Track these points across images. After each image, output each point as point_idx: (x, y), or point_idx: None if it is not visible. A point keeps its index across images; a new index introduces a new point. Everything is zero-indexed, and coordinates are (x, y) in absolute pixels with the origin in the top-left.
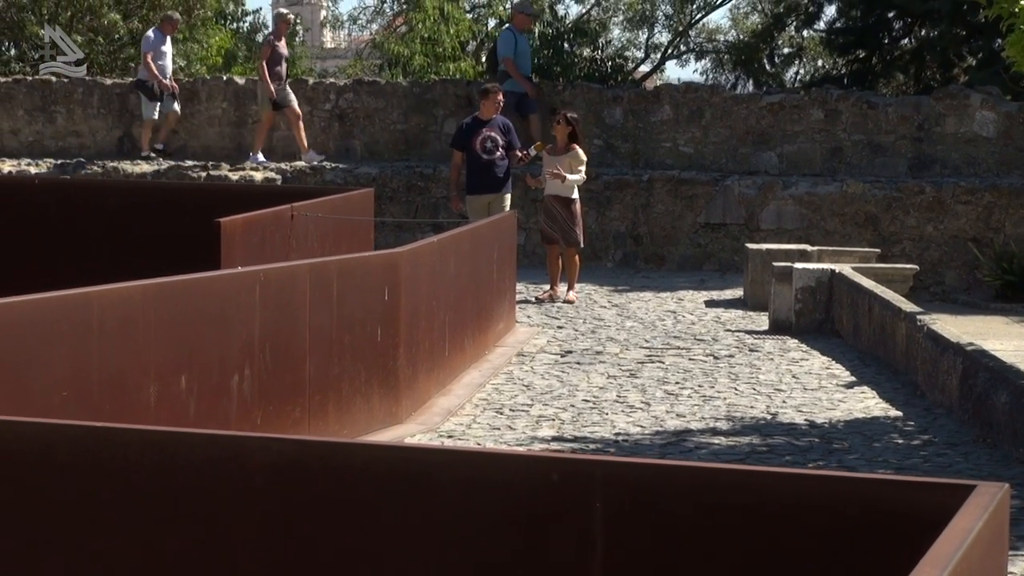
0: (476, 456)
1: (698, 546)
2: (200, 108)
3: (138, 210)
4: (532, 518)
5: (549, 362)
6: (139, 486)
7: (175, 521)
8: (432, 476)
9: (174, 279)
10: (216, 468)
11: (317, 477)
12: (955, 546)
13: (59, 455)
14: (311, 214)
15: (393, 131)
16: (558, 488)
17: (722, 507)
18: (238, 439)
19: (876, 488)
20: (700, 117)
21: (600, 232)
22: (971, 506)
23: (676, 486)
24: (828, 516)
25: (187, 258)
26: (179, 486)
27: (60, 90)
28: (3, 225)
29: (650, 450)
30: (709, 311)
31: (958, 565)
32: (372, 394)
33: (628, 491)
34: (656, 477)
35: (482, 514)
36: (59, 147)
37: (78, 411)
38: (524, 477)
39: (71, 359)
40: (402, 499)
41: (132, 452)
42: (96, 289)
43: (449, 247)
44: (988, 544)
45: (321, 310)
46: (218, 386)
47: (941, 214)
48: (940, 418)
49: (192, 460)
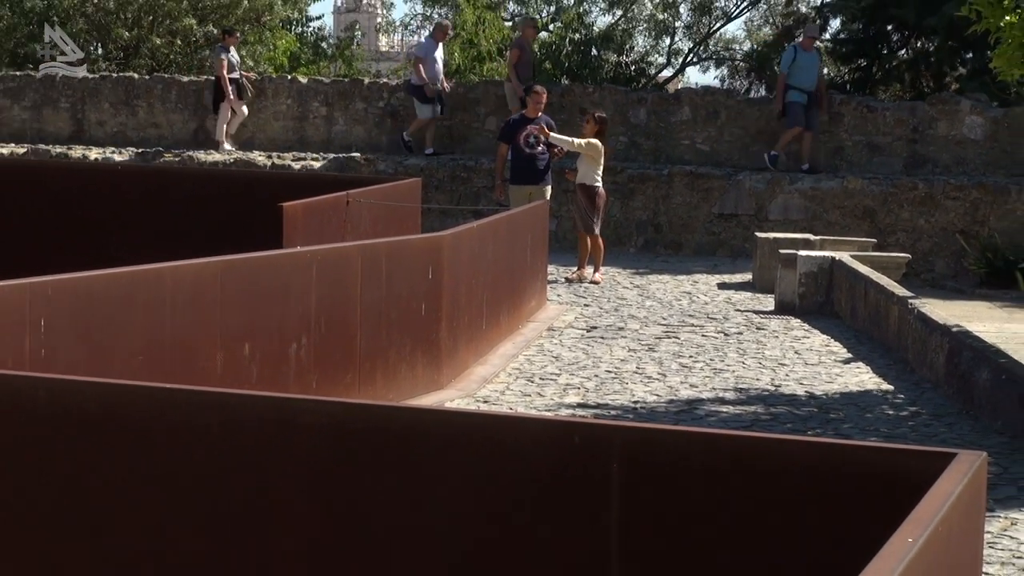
0: (507, 420)
1: (703, 505)
2: (267, 104)
3: (210, 195)
4: (555, 477)
5: (576, 336)
6: (205, 442)
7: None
8: (467, 437)
9: (239, 257)
10: (273, 427)
11: (365, 437)
12: (936, 508)
13: (135, 414)
14: (364, 200)
15: (439, 127)
16: (579, 450)
17: (726, 470)
18: (293, 401)
19: (866, 454)
20: (716, 118)
21: (624, 220)
22: (952, 472)
23: (686, 450)
24: (822, 479)
25: (253, 239)
26: (241, 443)
27: (142, 86)
28: (89, 207)
29: (665, 417)
30: (721, 293)
31: (939, 525)
32: (416, 363)
33: (642, 454)
34: (668, 441)
35: (511, 472)
36: (140, 137)
37: (152, 374)
38: (549, 439)
39: (146, 327)
40: (440, 457)
41: (198, 412)
42: (169, 265)
43: (487, 232)
44: (967, 506)
45: (371, 287)
46: (278, 353)
47: (932, 208)
48: (927, 392)
49: (252, 419)
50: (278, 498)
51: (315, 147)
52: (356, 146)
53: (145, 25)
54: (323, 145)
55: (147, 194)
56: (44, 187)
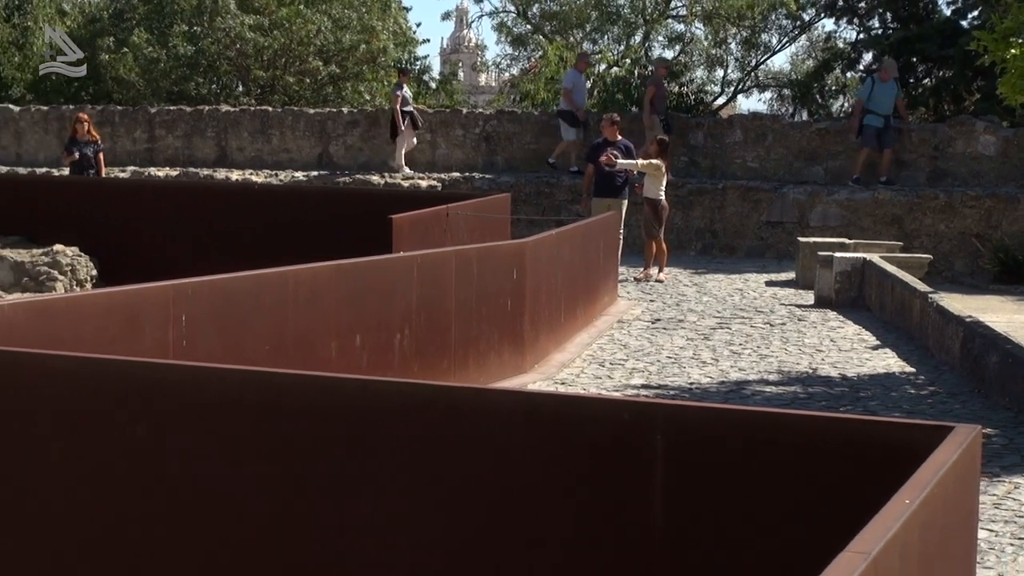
0: (568, 399)
1: (735, 470)
2: (379, 131)
3: (332, 208)
4: (608, 447)
5: (642, 327)
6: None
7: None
8: (537, 413)
9: (351, 260)
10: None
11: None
12: (932, 473)
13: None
14: (462, 213)
15: (527, 149)
16: (629, 424)
17: (754, 441)
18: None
19: (878, 428)
20: (764, 139)
21: (685, 228)
22: (949, 443)
23: (719, 424)
24: (839, 449)
25: (369, 246)
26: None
27: (275, 117)
28: (231, 220)
29: (716, 396)
30: (768, 289)
31: (934, 488)
32: (503, 351)
33: (684, 427)
34: (704, 417)
35: (574, 442)
36: (274, 161)
37: (276, 362)
38: (603, 415)
39: (272, 322)
40: (514, 430)
41: (316, 393)
42: (291, 268)
43: (565, 238)
44: (962, 472)
45: (464, 286)
46: (384, 343)
47: (951, 215)
48: (945, 374)
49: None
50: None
51: (421, 168)
52: (456, 166)
53: (279, 66)
54: (428, 166)
55: (279, 208)
56: (193, 203)
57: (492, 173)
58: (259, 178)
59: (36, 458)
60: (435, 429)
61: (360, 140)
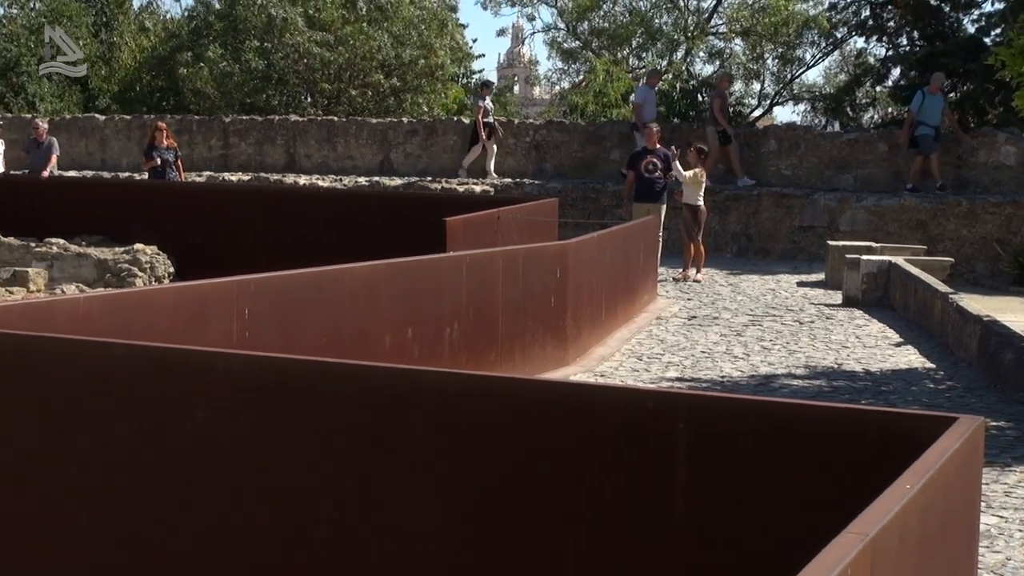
0: (597, 388)
1: (752, 456)
2: (437, 140)
3: (391, 211)
4: (633, 434)
5: (679, 324)
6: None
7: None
8: (571, 402)
9: (405, 259)
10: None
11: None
12: (933, 461)
13: (321, 385)
14: (512, 216)
15: (574, 157)
16: (652, 412)
17: (770, 430)
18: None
19: (887, 418)
20: (797, 149)
21: (722, 231)
22: (952, 432)
23: (738, 414)
24: (854, 438)
25: (425, 245)
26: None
27: (340, 127)
28: (298, 221)
29: (745, 388)
30: (799, 289)
31: (935, 474)
32: (547, 344)
33: (703, 416)
34: (724, 407)
35: (600, 428)
36: (339, 167)
37: (333, 352)
38: (629, 404)
39: (329, 315)
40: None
41: (371, 384)
42: (348, 266)
43: (606, 240)
44: (963, 460)
45: (511, 284)
46: (435, 336)
47: (973, 221)
48: (963, 370)
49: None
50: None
51: (475, 173)
52: (507, 172)
53: (343, 80)
54: (482, 172)
55: (342, 211)
56: (263, 206)
57: (541, 179)
58: (324, 183)
59: (107, 438)
60: (472, 415)
61: (419, 148)
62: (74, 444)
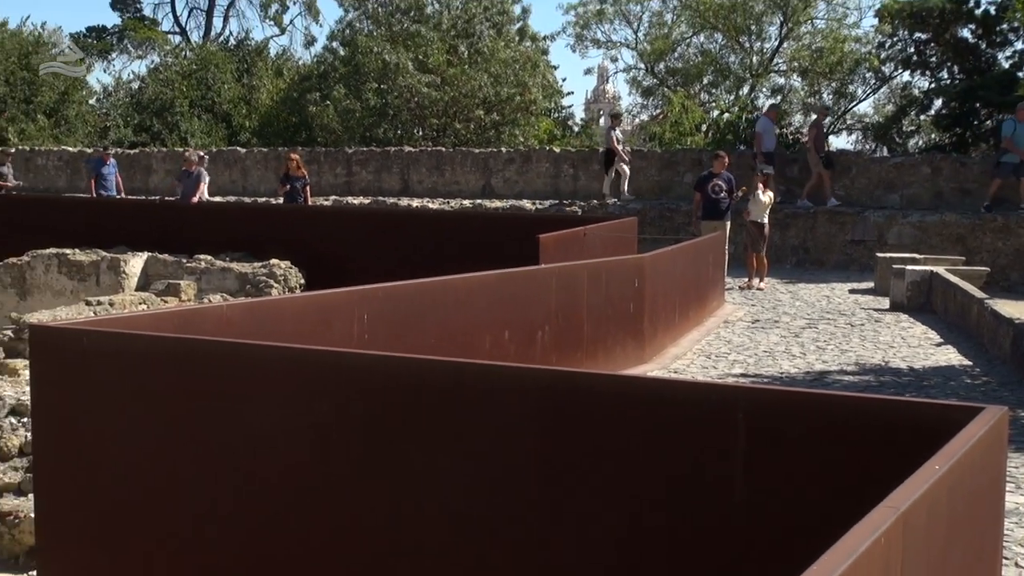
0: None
1: (804, 442)
2: (531, 167)
3: (490, 230)
4: (698, 423)
5: (744, 327)
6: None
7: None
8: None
9: (502, 271)
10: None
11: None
12: (961, 445)
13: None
14: (597, 232)
15: (651, 181)
16: (714, 405)
17: (820, 420)
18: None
19: (920, 408)
20: (849, 171)
21: (782, 245)
22: (978, 421)
23: (791, 405)
24: (893, 426)
25: (521, 259)
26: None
27: (447, 155)
28: (411, 239)
29: (801, 383)
30: (851, 296)
31: (962, 458)
32: (627, 345)
33: (760, 407)
34: (778, 399)
35: (667, 419)
36: (446, 191)
37: (440, 352)
38: (696, 397)
39: (437, 320)
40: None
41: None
42: (452, 277)
43: (679, 254)
44: (988, 445)
45: (594, 292)
46: (528, 338)
47: (1008, 235)
48: (997, 367)
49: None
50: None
51: (565, 196)
52: (593, 195)
53: (449, 115)
54: (571, 194)
55: (445, 230)
56: (381, 225)
57: (623, 200)
58: (434, 205)
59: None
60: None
61: (516, 174)
62: (218, 432)
